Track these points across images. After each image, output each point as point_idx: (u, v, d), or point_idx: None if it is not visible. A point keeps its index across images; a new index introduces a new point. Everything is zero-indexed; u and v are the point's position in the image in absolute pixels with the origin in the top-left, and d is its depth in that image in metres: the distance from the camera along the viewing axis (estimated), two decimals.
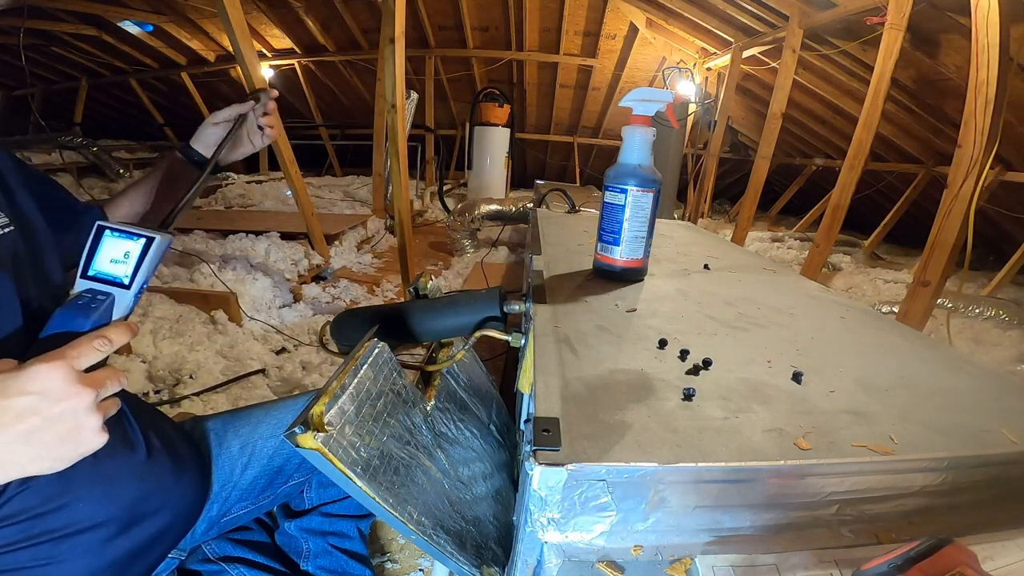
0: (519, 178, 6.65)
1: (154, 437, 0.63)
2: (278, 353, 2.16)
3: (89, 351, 0.45)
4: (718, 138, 4.53)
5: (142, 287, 0.53)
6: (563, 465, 0.41)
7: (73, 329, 0.48)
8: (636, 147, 0.87)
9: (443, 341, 0.86)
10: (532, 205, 3.50)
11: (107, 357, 0.48)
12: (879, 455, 0.45)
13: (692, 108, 4.21)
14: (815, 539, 0.44)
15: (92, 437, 0.44)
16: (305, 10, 5.72)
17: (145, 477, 0.61)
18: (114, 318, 0.51)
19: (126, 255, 0.51)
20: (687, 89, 4.28)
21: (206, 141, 0.84)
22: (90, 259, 0.51)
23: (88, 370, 0.45)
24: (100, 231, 0.52)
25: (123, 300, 0.52)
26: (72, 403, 0.42)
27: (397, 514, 0.47)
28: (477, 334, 0.75)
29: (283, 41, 6.50)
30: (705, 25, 4.28)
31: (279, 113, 2.86)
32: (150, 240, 0.52)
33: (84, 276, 0.51)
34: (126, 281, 0.51)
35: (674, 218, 3.96)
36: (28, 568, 0.52)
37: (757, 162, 3.61)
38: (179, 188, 0.83)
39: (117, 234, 0.52)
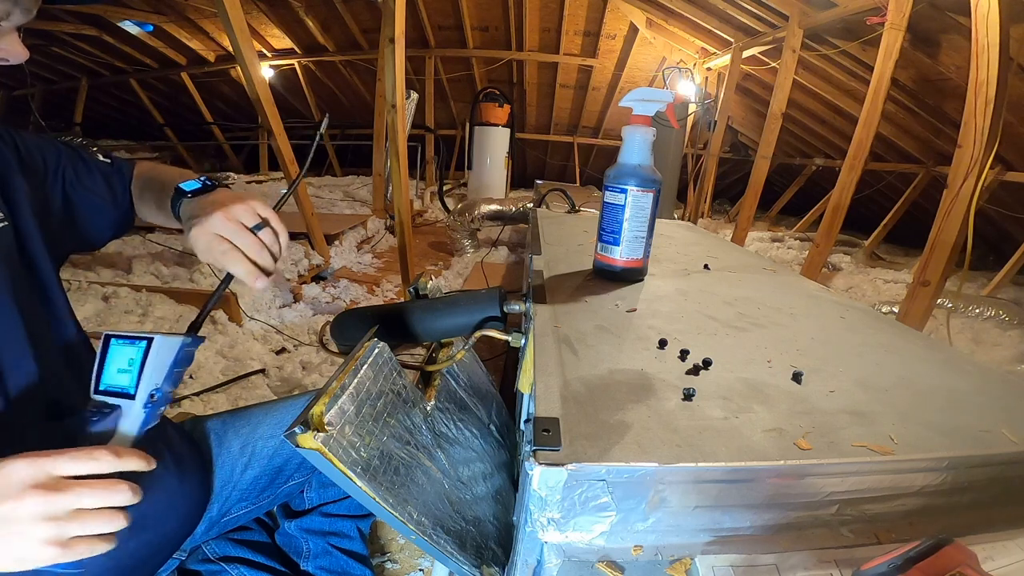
0: (519, 178, 6.65)
1: (156, 439, 0.63)
2: (278, 353, 2.16)
3: (77, 458, 0.42)
4: (718, 138, 4.53)
5: (154, 395, 0.48)
6: (563, 465, 0.41)
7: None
8: (636, 147, 0.87)
9: (443, 341, 0.86)
10: (532, 205, 3.50)
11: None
12: (879, 455, 0.45)
13: (692, 108, 4.21)
14: (815, 539, 0.44)
15: (34, 548, 0.40)
16: (305, 10, 5.72)
17: (150, 482, 0.61)
18: (121, 430, 0.48)
19: (130, 362, 0.48)
20: (687, 89, 4.28)
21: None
22: (100, 372, 0.48)
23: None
24: (107, 340, 0.48)
25: (130, 411, 0.48)
26: (11, 505, 0.39)
27: (397, 514, 0.47)
28: (477, 334, 0.75)
29: (283, 41, 6.50)
30: (705, 25, 4.28)
31: (280, 114, 2.82)
32: (149, 342, 0.48)
33: (95, 392, 0.48)
34: (131, 391, 0.47)
35: (674, 218, 3.96)
36: (29, 573, 0.53)
37: (757, 162, 3.61)
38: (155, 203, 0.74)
39: (121, 341, 0.48)
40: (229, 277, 0.57)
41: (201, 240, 0.55)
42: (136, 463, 0.45)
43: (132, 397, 0.48)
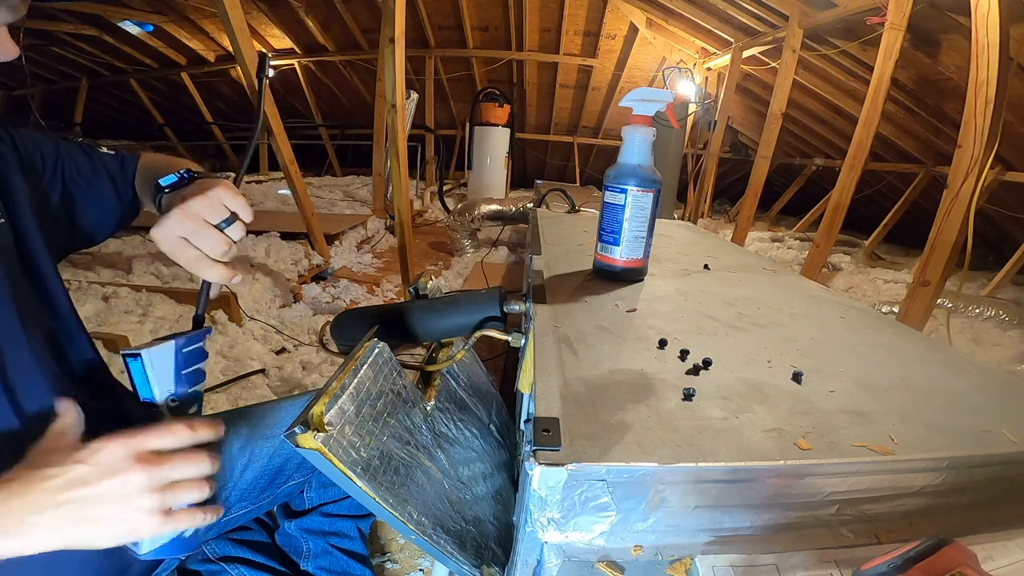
0: (519, 178, 6.65)
1: None
2: (278, 353, 2.16)
3: (162, 434, 0.45)
4: (718, 138, 4.53)
5: (173, 400, 0.51)
6: (563, 465, 0.41)
7: None
8: (636, 147, 0.87)
9: (443, 341, 0.86)
10: (532, 205, 3.50)
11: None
12: (879, 455, 0.45)
13: (692, 108, 4.21)
14: (815, 539, 0.44)
15: (142, 519, 0.42)
16: (305, 10, 5.72)
17: None
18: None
19: (143, 376, 0.51)
20: (687, 89, 4.28)
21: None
22: (133, 386, 0.51)
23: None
24: (124, 360, 0.50)
25: (164, 418, 0.51)
26: (122, 478, 0.41)
27: (397, 514, 0.47)
28: (477, 334, 0.75)
29: (283, 41, 6.51)
30: (705, 25, 4.28)
31: (280, 114, 2.81)
32: (138, 357, 0.49)
33: (136, 404, 0.51)
34: (154, 399, 0.51)
35: (674, 218, 3.96)
36: (26, 568, 0.53)
37: (757, 162, 3.61)
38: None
39: (129, 359, 0.50)
40: (206, 283, 0.54)
41: (164, 244, 0.50)
42: (208, 434, 0.48)
43: (157, 406, 0.51)
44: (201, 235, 0.49)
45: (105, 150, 0.70)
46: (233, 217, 0.51)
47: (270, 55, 6.54)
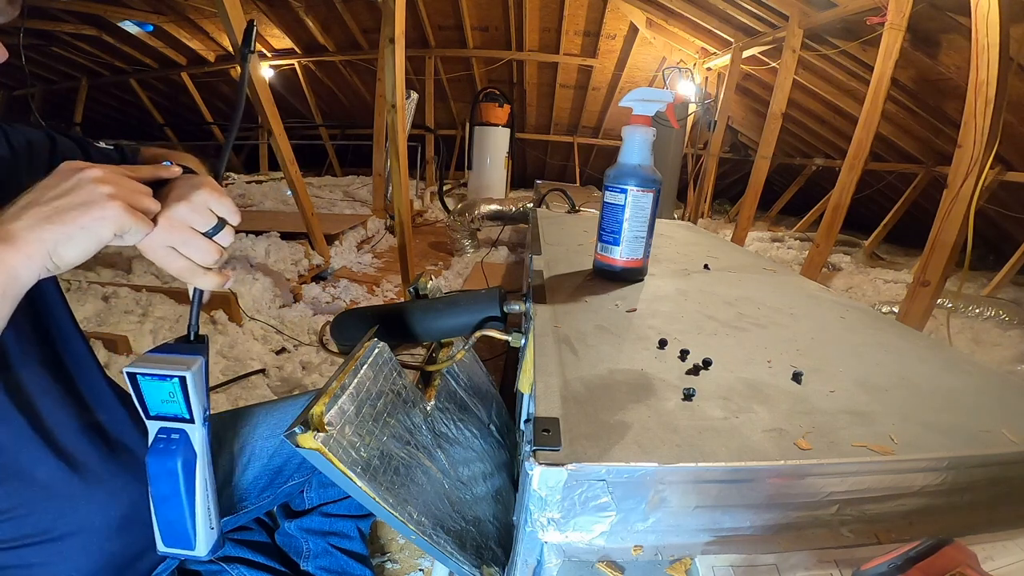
0: (519, 178, 6.66)
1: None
2: (278, 353, 2.16)
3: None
4: (718, 138, 4.54)
5: (206, 409, 0.52)
6: (563, 465, 0.41)
7: (167, 473, 0.50)
8: (636, 147, 0.87)
9: (443, 341, 0.86)
10: (532, 205, 3.50)
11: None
12: (879, 455, 0.45)
13: (692, 108, 4.21)
14: (815, 539, 0.44)
15: (106, 203, 0.41)
16: (305, 10, 5.73)
17: (143, 480, 0.61)
18: (196, 449, 0.51)
19: (171, 394, 0.49)
20: (687, 89, 4.28)
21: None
22: (143, 403, 0.50)
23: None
24: (133, 378, 0.48)
25: (195, 432, 0.51)
26: (76, 176, 0.42)
27: (397, 514, 0.47)
28: (477, 334, 0.75)
29: (283, 41, 6.51)
30: (705, 25, 4.28)
31: (280, 114, 2.79)
32: (182, 379, 0.48)
33: (149, 418, 0.50)
34: (187, 416, 0.50)
35: (674, 218, 3.96)
36: (28, 566, 0.53)
37: (757, 162, 3.61)
38: None
39: (150, 378, 0.48)
40: (198, 290, 0.52)
41: (151, 255, 0.47)
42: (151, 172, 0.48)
43: (192, 421, 0.50)
44: (189, 244, 0.47)
45: (103, 144, 0.70)
46: (221, 223, 0.48)
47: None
